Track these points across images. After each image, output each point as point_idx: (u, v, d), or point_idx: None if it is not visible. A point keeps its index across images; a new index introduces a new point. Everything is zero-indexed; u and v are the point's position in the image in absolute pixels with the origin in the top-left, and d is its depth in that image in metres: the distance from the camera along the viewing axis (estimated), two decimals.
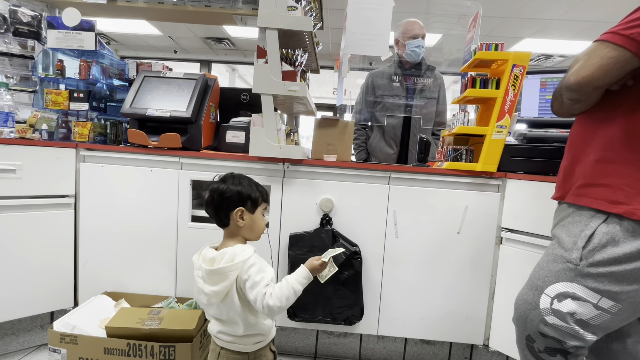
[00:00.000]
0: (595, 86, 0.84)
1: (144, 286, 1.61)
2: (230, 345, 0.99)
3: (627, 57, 0.79)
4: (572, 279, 0.88)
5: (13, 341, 1.55)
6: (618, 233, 0.83)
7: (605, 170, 0.87)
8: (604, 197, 0.86)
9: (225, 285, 0.91)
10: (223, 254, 0.94)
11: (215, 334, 1.01)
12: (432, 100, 2.20)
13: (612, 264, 0.83)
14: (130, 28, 5.35)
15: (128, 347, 1.25)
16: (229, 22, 2.16)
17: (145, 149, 1.58)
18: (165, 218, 1.58)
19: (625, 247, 0.82)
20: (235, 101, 1.88)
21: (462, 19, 3.61)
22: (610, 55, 0.80)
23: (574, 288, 0.88)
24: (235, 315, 0.96)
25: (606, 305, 0.86)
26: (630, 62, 0.79)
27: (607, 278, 0.84)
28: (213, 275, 0.92)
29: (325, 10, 2.48)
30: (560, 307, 0.89)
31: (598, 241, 0.85)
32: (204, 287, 0.94)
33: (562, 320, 0.89)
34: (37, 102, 1.75)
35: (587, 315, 0.87)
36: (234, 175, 1.02)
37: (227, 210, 0.98)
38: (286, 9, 1.41)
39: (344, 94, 2.19)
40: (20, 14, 1.82)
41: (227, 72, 7.46)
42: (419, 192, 1.53)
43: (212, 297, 0.93)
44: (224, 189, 0.98)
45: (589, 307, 0.87)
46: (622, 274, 0.83)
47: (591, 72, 0.82)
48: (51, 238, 1.54)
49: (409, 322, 1.58)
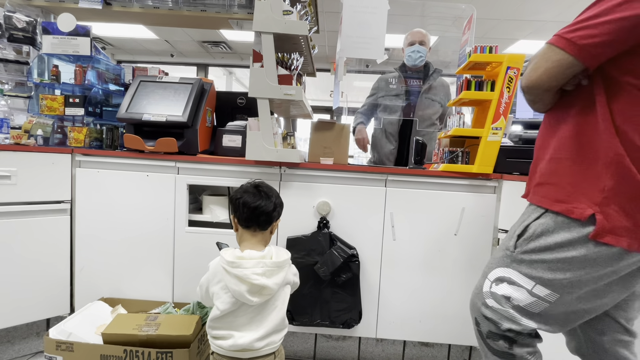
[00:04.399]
0: (543, 89, 0.84)
1: (141, 292, 1.60)
2: (275, 347, 1.05)
3: (569, 61, 0.78)
4: (508, 264, 0.93)
5: (8, 349, 1.53)
6: (552, 225, 0.86)
7: (554, 169, 0.88)
8: (548, 195, 0.88)
9: (282, 277, 1.03)
10: (270, 251, 1.05)
11: (264, 346, 1.01)
12: (434, 103, 2.26)
13: (544, 251, 0.86)
14: (126, 32, 5.34)
15: (125, 354, 1.24)
16: (225, 27, 2.17)
17: (142, 154, 1.58)
18: (162, 223, 1.57)
19: (557, 236, 0.84)
20: (231, 105, 1.88)
21: (457, 22, 3.64)
22: (554, 58, 0.79)
23: (509, 273, 0.92)
24: (284, 309, 1.06)
25: (542, 293, 0.87)
26: (572, 66, 0.79)
27: (539, 265, 0.87)
28: (278, 267, 1.02)
29: (320, 13, 2.49)
30: (497, 290, 0.94)
31: (533, 231, 0.89)
32: (268, 281, 0.99)
33: (498, 303, 0.93)
34: (33, 108, 1.74)
35: (523, 301, 0.89)
36: (272, 188, 1.13)
37: (275, 218, 1.10)
38: (281, 13, 1.41)
39: (340, 97, 2.21)
40: (15, 19, 1.81)
41: (224, 75, 7.46)
42: (416, 194, 1.54)
43: (272, 290, 1.00)
44: (281, 202, 1.13)
45: (524, 293, 0.89)
46: (554, 262, 0.85)
47: (538, 76, 0.82)
48: (47, 244, 1.53)
49: (408, 325, 1.58)
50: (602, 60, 0.77)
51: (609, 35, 0.74)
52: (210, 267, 1.06)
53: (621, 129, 0.76)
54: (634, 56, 0.74)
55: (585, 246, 0.81)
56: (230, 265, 0.98)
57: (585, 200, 0.80)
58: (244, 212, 1.06)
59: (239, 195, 1.07)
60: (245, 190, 1.08)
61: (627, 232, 0.77)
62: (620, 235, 0.77)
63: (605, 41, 0.74)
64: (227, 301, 0.99)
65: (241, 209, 1.06)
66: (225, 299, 0.99)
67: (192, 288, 1.58)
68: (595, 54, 0.76)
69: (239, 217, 1.07)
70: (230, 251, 1.03)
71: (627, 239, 0.77)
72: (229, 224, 1.64)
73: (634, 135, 0.75)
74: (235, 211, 1.08)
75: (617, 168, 0.76)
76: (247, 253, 1.02)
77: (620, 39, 0.73)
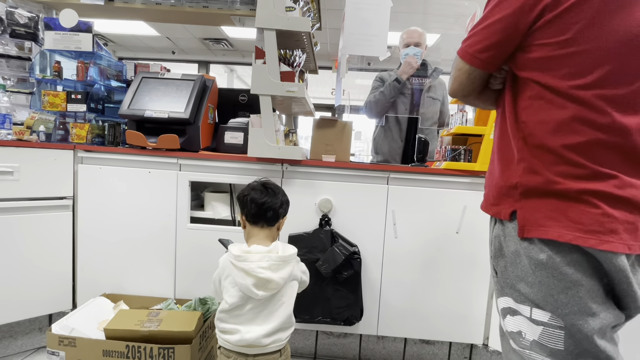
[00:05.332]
0: (461, 95, 0.86)
1: (143, 288, 1.60)
2: (281, 345, 1.05)
3: (467, 68, 0.80)
4: (500, 291, 0.81)
5: (11, 344, 1.54)
6: (500, 232, 0.80)
7: (489, 171, 0.87)
8: (486, 199, 0.86)
9: (288, 271, 1.04)
10: (276, 246, 1.06)
11: (270, 342, 1.02)
12: (435, 101, 2.25)
13: (512, 266, 0.77)
14: (128, 29, 5.33)
15: (127, 349, 1.25)
16: (227, 23, 2.16)
17: (144, 150, 1.58)
18: (164, 219, 1.58)
19: (510, 246, 0.77)
20: (233, 102, 1.88)
21: (460, 19, 3.62)
22: (459, 67, 0.81)
23: (507, 302, 0.79)
24: (291, 305, 1.07)
25: (544, 318, 0.72)
26: (472, 72, 0.79)
27: (519, 282, 0.75)
28: (283, 261, 1.03)
29: (323, 10, 2.49)
30: (506, 326, 0.80)
31: (494, 247, 0.83)
32: (273, 275, 1.00)
33: (516, 344, 0.77)
34: (35, 104, 1.74)
35: (534, 334, 0.74)
36: (278, 186, 1.14)
37: (281, 215, 1.11)
38: (284, 9, 1.41)
39: (342, 94, 2.20)
40: (17, 15, 1.81)
41: (226, 72, 7.45)
42: (417, 192, 1.53)
43: (278, 284, 1.01)
44: (287, 199, 1.14)
45: (525, 321, 0.75)
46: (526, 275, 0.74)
47: (451, 85, 0.85)
48: (49, 240, 1.54)
49: (409, 322, 1.58)
50: (498, 62, 0.77)
51: (488, 39, 0.75)
52: (220, 263, 1.08)
53: (523, 123, 0.75)
54: (526, 52, 0.73)
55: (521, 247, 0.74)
56: (237, 259, 1.01)
57: (508, 198, 0.77)
58: (251, 208, 1.07)
59: (247, 192, 1.09)
60: (252, 187, 1.11)
61: (554, 222, 0.70)
62: (546, 227, 0.71)
63: (487, 45, 0.75)
64: (235, 295, 1.01)
65: (249, 205, 1.08)
66: (233, 293, 1.01)
67: (194, 284, 1.60)
68: (484, 59, 0.77)
69: (246, 214, 1.09)
70: (238, 246, 1.06)
71: (556, 230, 0.70)
72: (230, 221, 1.64)
73: (534, 128, 0.73)
74: (242, 208, 1.10)
75: (525, 164, 0.74)
76: (254, 247, 1.04)
77: (499, 40, 0.74)
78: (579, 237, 0.68)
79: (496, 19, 0.73)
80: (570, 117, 0.69)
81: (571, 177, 0.69)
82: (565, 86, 0.69)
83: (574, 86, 0.68)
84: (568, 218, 0.69)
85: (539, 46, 0.71)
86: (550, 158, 0.71)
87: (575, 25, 0.67)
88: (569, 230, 0.69)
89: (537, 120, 0.73)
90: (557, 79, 0.70)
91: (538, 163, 0.72)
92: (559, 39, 0.68)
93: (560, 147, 0.70)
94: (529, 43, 0.72)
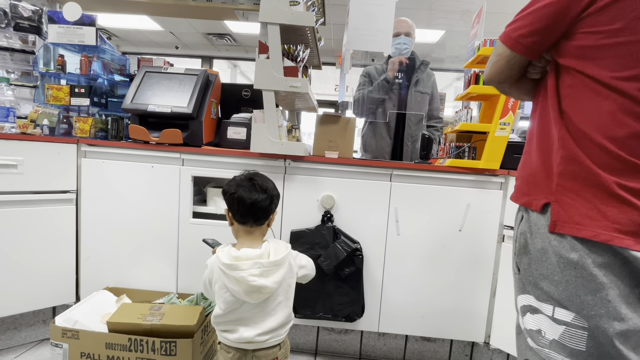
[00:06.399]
0: (497, 82, 0.84)
1: (145, 282, 1.61)
2: (280, 339, 1.04)
3: (508, 54, 0.78)
4: (522, 288, 0.80)
5: (15, 335, 1.56)
6: (527, 228, 0.78)
7: (524, 161, 0.85)
8: (517, 190, 0.85)
9: (281, 274, 1.00)
10: (267, 248, 1.01)
11: (269, 339, 1.01)
12: (423, 95, 2.21)
13: (537, 263, 0.75)
14: (131, 23, 5.33)
15: (129, 342, 1.25)
16: (231, 17, 2.15)
17: (147, 145, 1.58)
18: (167, 214, 1.58)
19: (536, 243, 0.75)
20: (236, 97, 1.87)
21: (465, 15, 3.59)
22: (498, 52, 0.80)
23: (528, 299, 0.78)
24: (289, 303, 1.05)
25: (567, 318, 0.70)
26: (513, 58, 0.78)
27: (543, 280, 0.74)
28: (275, 266, 0.99)
29: (327, 5, 2.46)
30: (526, 324, 0.78)
31: (519, 243, 0.81)
32: (266, 281, 0.96)
33: (535, 342, 0.76)
34: (38, 98, 1.75)
35: (554, 333, 0.72)
36: (267, 179, 1.07)
37: (272, 211, 1.05)
38: (288, 4, 1.39)
39: (345, 91, 2.19)
40: (20, 8, 1.81)
41: (229, 68, 7.44)
42: (420, 190, 1.52)
43: (272, 289, 0.98)
44: (277, 193, 1.06)
45: (547, 320, 0.73)
46: (552, 273, 0.72)
47: (489, 70, 0.84)
48: (53, 233, 1.55)
49: (410, 319, 1.58)
50: (540, 49, 0.76)
51: (533, 24, 0.73)
52: (208, 265, 1.03)
53: (565, 112, 0.73)
54: (571, 39, 0.71)
55: (550, 244, 0.72)
56: (228, 267, 0.95)
57: (542, 189, 0.75)
58: (239, 209, 1.00)
59: (233, 189, 1.01)
60: (239, 183, 1.02)
61: (590, 221, 0.68)
62: (582, 225, 0.69)
63: (532, 30, 0.74)
64: (228, 300, 0.98)
65: (236, 205, 1.00)
66: (226, 298, 0.98)
67: (196, 279, 1.60)
68: (527, 44, 0.75)
69: (233, 213, 1.03)
70: (226, 250, 0.99)
71: (591, 228, 0.68)
72: None
73: (576, 117, 0.71)
74: (229, 206, 1.03)
75: (565, 152, 0.72)
76: (244, 252, 0.98)
77: (546, 26, 0.72)
78: (615, 237, 0.66)
79: (545, 3, 0.71)
80: (613, 108, 0.67)
81: (611, 170, 0.67)
82: (607, 76, 0.67)
83: (617, 77, 0.66)
84: (605, 217, 0.67)
85: (586, 34, 0.68)
86: (591, 148, 0.69)
87: (627, 15, 0.64)
88: (606, 230, 0.66)
89: (579, 109, 0.71)
90: (599, 69, 0.68)
91: (578, 152, 0.70)
92: (610, 28, 0.66)
93: (602, 138, 0.68)
94: (575, 30, 0.70)
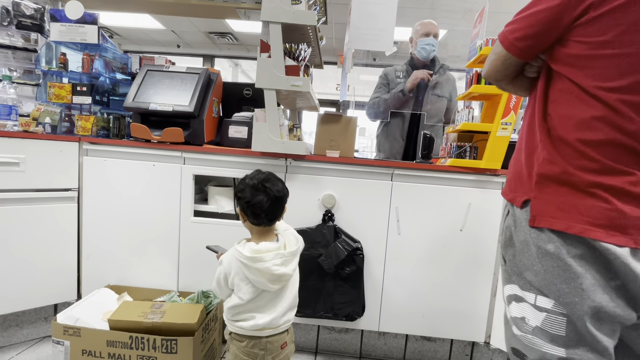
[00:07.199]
0: (494, 79, 0.87)
1: (147, 280, 1.62)
2: (289, 324, 1.12)
3: (504, 54, 0.80)
4: (508, 279, 0.84)
5: (17, 333, 1.56)
6: (512, 222, 0.82)
7: (514, 158, 0.88)
8: (506, 185, 0.88)
9: (297, 262, 1.10)
10: (282, 240, 1.09)
11: (283, 322, 1.08)
12: (440, 99, 2.22)
13: (521, 254, 0.79)
14: (133, 22, 5.33)
15: (130, 340, 1.26)
16: (233, 16, 2.15)
17: (148, 143, 1.58)
18: (168, 212, 1.58)
19: (519, 235, 0.79)
20: (238, 96, 1.87)
21: (467, 15, 3.57)
22: (496, 51, 0.82)
23: (513, 289, 0.82)
24: (296, 285, 1.13)
25: (547, 305, 0.74)
26: (508, 58, 0.80)
27: (526, 270, 0.78)
28: (293, 255, 1.08)
29: (329, 4, 2.46)
30: (510, 312, 0.83)
31: (505, 236, 0.85)
32: (287, 269, 1.04)
33: (519, 329, 0.80)
34: (41, 96, 1.75)
35: (537, 320, 0.76)
36: (277, 180, 1.10)
37: (283, 210, 1.11)
38: (290, 2, 1.39)
39: (347, 90, 2.18)
40: (23, 6, 1.81)
41: (230, 67, 7.44)
42: (422, 189, 1.52)
43: (290, 276, 1.07)
44: (287, 191, 1.11)
45: (529, 308, 0.77)
46: (534, 264, 0.76)
47: (487, 68, 0.86)
48: (54, 231, 1.55)
49: (410, 319, 1.58)
50: (534, 52, 0.78)
51: (528, 28, 0.75)
52: (224, 262, 1.06)
53: (550, 115, 0.76)
54: (564, 46, 0.73)
55: (530, 237, 0.76)
56: (251, 260, 0.99)
57: (524, 187, 0.79)
58: (253, 213, 1.04)
59: (248, 197, 1.03)
60: (254, 187, 1.03)
61: (564, 214, 0.72)
62: (556, 218, 0.72)
63: (527, 34, 0.75)
64: (250, 291, 1.03)
65: (250, 211, 1.04)
66: (248, 289, 1.03)
67: (197, 277, 1.61)
68: (522, 48, 0.77)
69: (247, 215, 1.05)
70: (248, 246, 1.03)
71: (565, 221, 0.71)
72: (234, 215, 1.64)
73: (558, 121, 0.74)
74: (243, 210, 1.05)
75: (545, 154, 0.75)
76: (263, 246, 1.03)
77: (540, 31, 0.74)
78: (587, 229, 0.69)
79: (541, 8, 0.73)
80: (594, 116, 0.69)
81: (585, 170, 0.70)
82: (592, 85, 0.70)
83: (601, 87, 0.69)
84: (578, 211, 0.71)
85: (577, 43, 0.71)
86: (568, 151, 0.72)
87: (616, 28, 0.66)
88: (578, 223, 0.70)
89: (562, 114, 0.74)
90: (586, 78, 0.70)
91: (557, 155, 0.74)
92: (598, 39, 0.68)
93: (577, 141, 0.71)
94: (567, 38, 0.72)
